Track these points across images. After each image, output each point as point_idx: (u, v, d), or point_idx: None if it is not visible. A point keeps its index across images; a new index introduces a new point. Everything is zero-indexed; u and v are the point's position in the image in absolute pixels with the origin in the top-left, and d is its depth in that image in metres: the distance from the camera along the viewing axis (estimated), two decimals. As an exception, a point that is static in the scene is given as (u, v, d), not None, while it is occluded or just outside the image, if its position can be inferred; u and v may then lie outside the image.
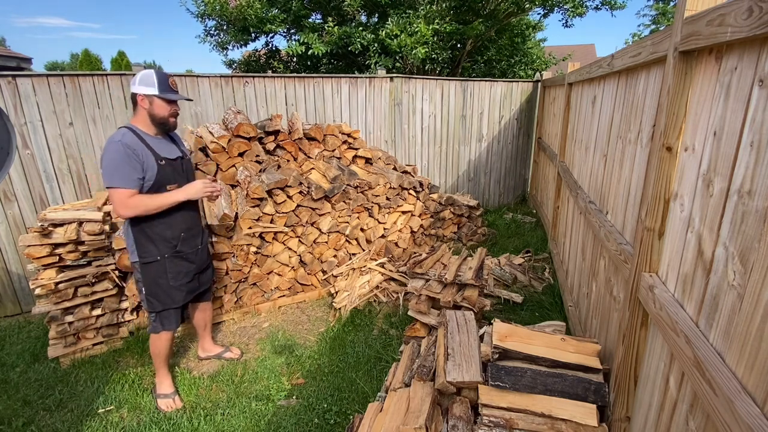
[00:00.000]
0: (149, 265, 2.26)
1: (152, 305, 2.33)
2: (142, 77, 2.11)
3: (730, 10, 1.05)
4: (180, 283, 2.36)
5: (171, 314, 2.39)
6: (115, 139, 2.04)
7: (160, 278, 2.29)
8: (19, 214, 3.50)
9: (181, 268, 2.36)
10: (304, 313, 3.56)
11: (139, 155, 2.07)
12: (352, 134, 4.20)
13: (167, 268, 2.30)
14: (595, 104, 2.85)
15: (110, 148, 2.02)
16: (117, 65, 16.74)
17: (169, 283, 2.32)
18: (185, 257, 2.36)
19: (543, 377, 1.83)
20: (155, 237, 2.23)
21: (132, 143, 2.07)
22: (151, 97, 2.12)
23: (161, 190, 2.18)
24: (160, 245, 2.25)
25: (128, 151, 2.03)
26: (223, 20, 7.04)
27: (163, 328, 2.39)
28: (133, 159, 2.05)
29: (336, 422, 2.35)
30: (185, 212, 2.33)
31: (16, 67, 10.21)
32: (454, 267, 2.97)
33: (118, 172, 2.02)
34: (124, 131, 2.10)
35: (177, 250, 2.31)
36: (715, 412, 1.02)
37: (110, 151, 2.02)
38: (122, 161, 2.02)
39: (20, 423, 2.36)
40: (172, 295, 2.35)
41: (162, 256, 2.27)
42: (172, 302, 2.36)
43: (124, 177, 2.03)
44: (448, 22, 6.24)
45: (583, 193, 2.89)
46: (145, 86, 2.11)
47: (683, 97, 1.37)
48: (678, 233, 1.39)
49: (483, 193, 6.20)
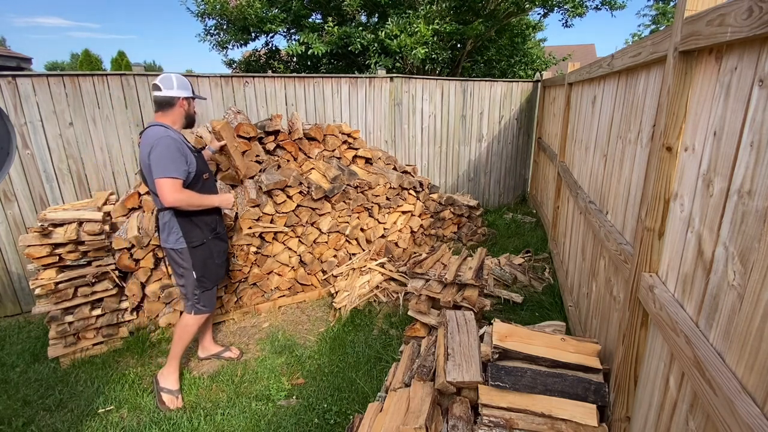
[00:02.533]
0: (198, 248, 2.46)
1: (204, 284, 2.53)
2: (180, 83, 2.37)
3: (730, 10, 1.05)
4: (221, 261, 2.64)
5: (214, 294, 2.62)
6: (161, 134, 2.23)
7: (208, 258, 2.52)
8: (19, 214, 3.50)
9: (221, 248, 2.63)
10: (304, 313, 3.56)
11: (183, 148, 2.30)
12: (352, 134, 4.20)
13: (212, 248, 2.54)
14: (595, 104, 2.85)
15: (161, 142, 2.20)
16: (117, 65, 16.73)
17: (215, 262, 2.57)
18: (222, 237, 2.64)
19: (543, 377, 1.83)
20: (199, 222, 2.45)
21: (178, 138, 2.30)
22: (189, 99, 2.42)
23: (199, 179, 2.42)
24: (204, 229, 2.47)
25: (177, 144, 2.25)
26: (223, 19, 7.04)
27: (207, 309, 2.58)
28: (181, 152, 2.26)
29: (336, 422, 2.35)
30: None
31: (16, 67, 10.21)
32: (454, 267, 2.97)
33: (174, 163, 2.21)
34: (162, 129, 2.28)
35: (216, 232, 2.56)
36: (715, 412, 1.02)
37: (162, 145, 2.20)
38: (175, 153, 2.22)
39: (20, 423, 2.36)
40: (219, 273, 2.64)
41: (207, 239, 2.50)
42: (218, 278, 2.64)
43: (178, 167, 2.23)
44: (448, 22, 6.24)
45: (583, 193, 2.89)
46: (185, 90, 2.39)
47: (683, 97, 1.37)
48: (678, 233, 1.39)
49: (483, 193, 6.20)
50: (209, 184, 2.54)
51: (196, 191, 2.38)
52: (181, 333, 2.54)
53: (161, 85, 2.32)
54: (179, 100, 2.36)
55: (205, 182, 2.47)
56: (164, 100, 2.33)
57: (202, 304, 2.55)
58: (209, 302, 2.59)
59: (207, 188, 2.49)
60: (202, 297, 2.54)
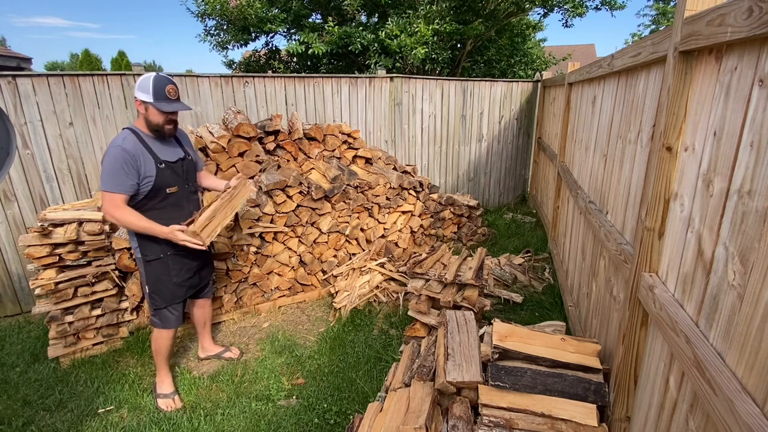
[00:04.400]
0: (152, 262, 2.29)
1: (155, 302, 2.36)
2: (140, 82, 2.12)
3: (730, 10, 1.05)
4: (182, 280, 2.39)
5: (172, 312, 2.41)
6: (116, 143, 2.07)
7: (164, 275, 2.32)
8: (19, 214, 3.50)
9: (183, 265, 2.38)
10: (304, 313, 3.56)
11: (138, 160, 2.10)
12: (352, 134, 4.20)
13: (170, 265, 2.32)
14: (595, 104, 2.85)
15: (110, 152, 2.05)
16: (117, 65, 16.74)
17: (171, 280, 2.34)
18: (187, 255, 2.37)
19: (543, 377, 1.83)
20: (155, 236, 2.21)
21: (132, 148, 2.09)
22: (146, 103, 2.12)
23: (160, 192, 2.21)
24: (162, 243, 2.25)
25: (126, 157, 2.05)
26: (223, 20, 7.04)
27: (162, 325, 2.42)
28: (130, 165, 2.06)
29: (336, 422, 2.35)
30: (187, 213, 2.33)
31: (16, 67, 10.21)
32: (454, 267, 2.97)
33: (113, 177, 2.04)
34: (127, 134, 2.13)
35: (179, 249, 2.30)
36: (715, 412, 1.02)
37: (109, 155, 2.05)
38: (119, 167, 2.04)
39: (20, 423, 2.36)
40: (174, 292, 2.38)
41: (165, 254, 2.29)
42: (173, 299, 2.39)
43: (117, 182, 2.05)
44: (448, 22, 6.24)
45: (583, 193, 2.89)
46: (142, 92, 2.11)
47: (683, 97, 1.37)
48: (678, 233, 1.39)
49: (483, 193, 6.20)
50: (176, 197, 2.29)
51: (154, 205, 2.21)
52: (154, 346, 2.48)
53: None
54: (136, 102, 2.14)
55: (169, 196, 2.24)
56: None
57: (158, 319, 2.40)
58: (165, 320, 2.40)
59: (172, 203, 2.27)
60: (156, 313, 2.39)
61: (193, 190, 2.43)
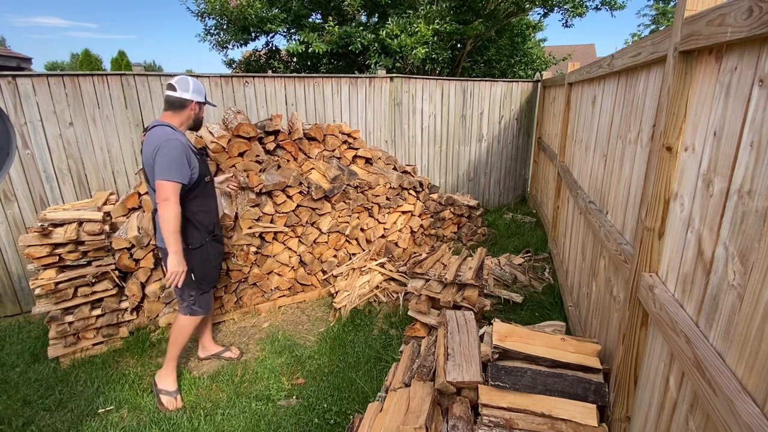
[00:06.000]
0: (197, 250, 2.46)
1: (202, 287, 2.53)
2: (195, 87, 2.39)
3: (730, 10, 1.05)
4: (218, 263, 2.65)
5: (210, 296, 2.62)
6: (171, 137, 2.22)
7: (207, 261, 2.52)
8: (19, 214, 3.50)
9: (218, 250, 2.63)
10: (304, 313, 3.56)
11: (188, 151, 2.30)
12: (352, 134, 4.20)
13: (209, 250, 2.53)
14: (595, 104, 2.85)
15: (169, 144, 2.19)
16: (117, 65, 16.72)
17: (212, 264, 2.57)
18: (218, 240, 2.63)
19: (543, 377, 1.83)
20: (199, 224, 2.44)
21: (185, 140, 2.30)
22: (201, 104, 2.43)
23: (201, 182, 2.41)
24: (203, 231, 2.48)
25: (184, 147, 2.24)
26: (223, 19, 7.04)
27: (202, 311, 2.57)
28: (188, 155, 2.27)
29: (336, 422, 2.35)
30: (215, 200, 2.60)
31: (16, 67, 10.21)
32: (454, 267, 2.97)
33: (176, 166, 2.20)
34: (171, 130, 2.28)
35: (214, 234, 2.56)
36: (715, 412, 1.02)
37: (170, 148, 2.19)
38: (182, 157, 2.22)
39: (20, 423, 2.36)
40: (215, 274, 2.64)
41: (205, 241, 2.50)
42: (215, 280, 2.65)
43: (181, 172, 2.22)
44: (448, 22, 6.24)
45: (583, 193, 2.89)
46: (198, 95, 2.40)
47: (683, 97, 1.37)
48: (678, 233, 1.39)
49: (483, 193, 6.20)
50: (210, 186, 2.54)
51: (199, 193, 2.41)
52: (176, 335, 2.54)
53: (177, 86, 2.32)
54: (191, 103, 2.37)
55: (206, 185, 2.48)
56: (177, 101, 2.33)
57: (198, 305, 2.53)
58: (205, 304, 2.58)
59: (208, 191, 2.51)
60: (199, 299, 2.53)
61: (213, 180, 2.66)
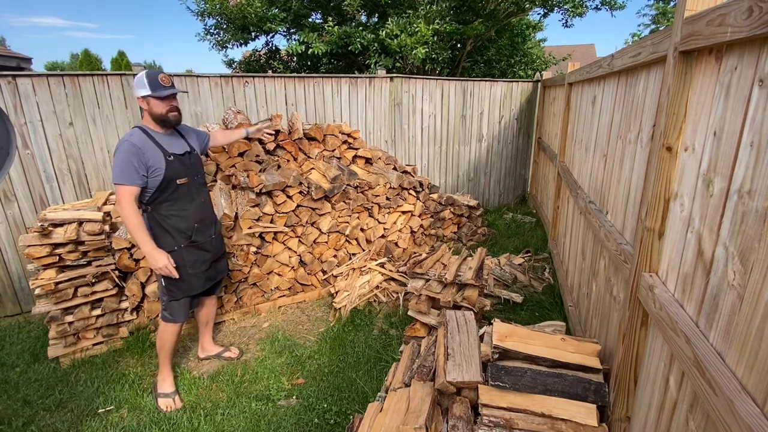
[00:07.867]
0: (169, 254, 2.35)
1: (173, 293, 2.41)
2: (136, 81, 2.24)
3: (730, 10, 1.05)
4: (198, 271, 2.47)
5: (182, 305, 2.47)
6: (124, 139, 2.18)
7: (179, 267, 2.37)
8: (19, 214, 3.50)
9: (197, 257, 2.46)
10: (304, 313, 3.56)
11: (146, 153, 2.19)
12: (352, 134, 4.19)
13: (185, 257, 2.40)
14: (595, 104, 2.85)
15: (119, 147, 2.15)
16: (117, 65, 16.71)
17: (187, 272, 2.42)
18: (200, 247, 2.47)
19: (543, 377, 1.83)
20: (170, 228, 2.34)
21: (139, 141, 2.19)
22: (147, 97, 2.22)
23: (171, 184, 2.29)
24: (175, 236, 2.36)
25: (134, 150, 2.15)
26: (223, 19, 7.04)
27: (173, 319, 2.47)
28: (139, 157, 2.16)
29: (336, 422, 2.35)
30: (198, 204, 2.44)
31: (16, 67, 10.21)
32: (454, 267, 2.97)
33: (123, 170, 2.14)
34: (135, 130, 2.25)
35: (192, 240, 2.41)
36: (715, 412, 1.02)
37: (119, 151, 2.15)
38: (128, 160, 2.13)
39: (20, 423, 2.36)
40: (192, 283, 2.45)
41: (179, 246, 2.38)
42: (191, 289, 2.46)
43: (127, 175, 2.14)
44: (448, 22, 6.24)
45: (583, 193, 2.89)
46: (139, 88, 2.22)
47: (683, 97, 1.37)
48: (678, 233, 1.39)
49: (483, 193, 6.19)
50: (187, 189, 2.36)
51: (167, 197, 2.29)
52: (158, 341, 2.52)
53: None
54: (139, 99, 2.25)
55: (179, 188, 2.32)
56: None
57: (168, 312, 2.44)
58: (177, 313, 2.46)
59: (181, 194, 2.34)
60: (169, 305, 2.44)
61: (202, 182, 2.52)
